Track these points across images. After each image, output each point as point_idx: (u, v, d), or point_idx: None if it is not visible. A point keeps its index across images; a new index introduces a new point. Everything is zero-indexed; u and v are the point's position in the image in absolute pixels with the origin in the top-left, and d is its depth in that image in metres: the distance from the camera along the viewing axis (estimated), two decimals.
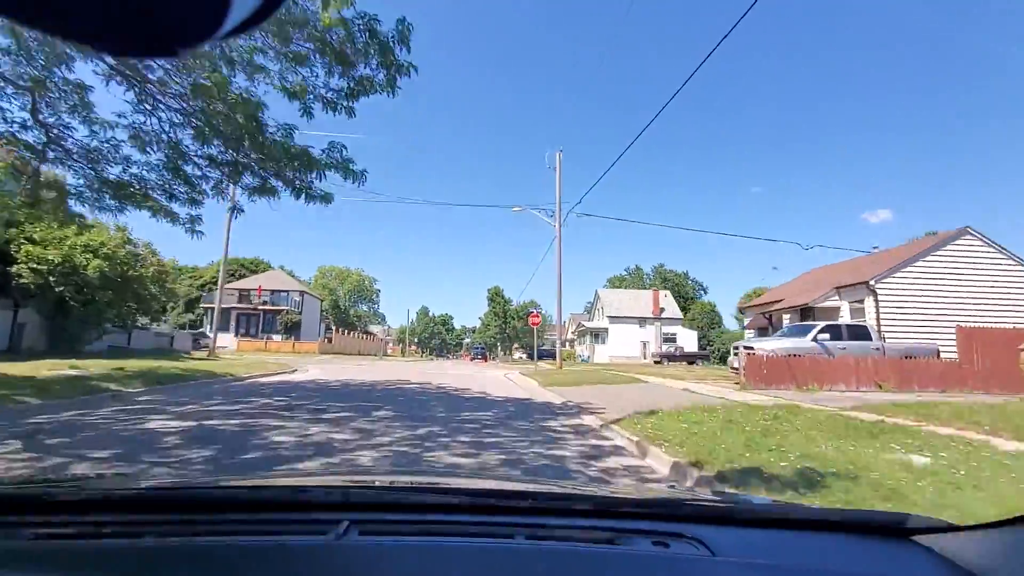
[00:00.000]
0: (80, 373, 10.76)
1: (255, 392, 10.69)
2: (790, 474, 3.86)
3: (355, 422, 6.58)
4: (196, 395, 9.63)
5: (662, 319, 50.44)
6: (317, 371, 19.21)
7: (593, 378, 16.54)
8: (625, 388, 12.89)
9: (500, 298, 50.44)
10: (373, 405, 8.72)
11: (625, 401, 9.55)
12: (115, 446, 4.89)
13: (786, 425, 6.01)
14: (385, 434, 5.81)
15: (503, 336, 50.46)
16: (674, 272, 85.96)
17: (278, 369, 18.01)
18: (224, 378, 13.32)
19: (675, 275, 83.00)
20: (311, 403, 9.03)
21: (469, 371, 24.45)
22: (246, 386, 12.02)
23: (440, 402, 9.64)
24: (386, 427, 6.29)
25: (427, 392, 11.61)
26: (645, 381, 15.37)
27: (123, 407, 7.70)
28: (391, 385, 13.31)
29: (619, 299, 52.51)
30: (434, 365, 32.12)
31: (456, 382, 15.07)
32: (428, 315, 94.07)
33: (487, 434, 6.02)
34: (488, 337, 61.90)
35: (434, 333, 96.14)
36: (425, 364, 34.49)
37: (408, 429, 6.13)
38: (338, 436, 5.61)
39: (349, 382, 13.81)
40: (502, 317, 49.71)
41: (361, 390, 11.62)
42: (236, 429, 5.93)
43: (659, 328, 50.06)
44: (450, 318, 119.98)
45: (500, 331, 49.74)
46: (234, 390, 10.93)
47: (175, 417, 6.80)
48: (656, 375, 18.79)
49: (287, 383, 13.18)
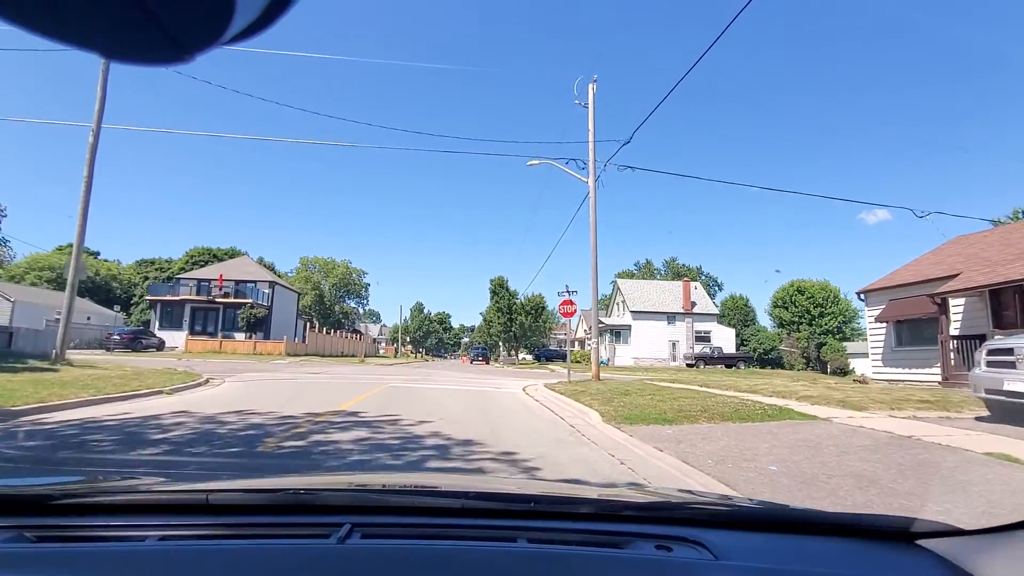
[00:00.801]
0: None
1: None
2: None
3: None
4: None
5: (694, 314, 43.32)
6: (232, 388, 12.29)
7: (683, 403, 9.50)
8: (788, 431, 5.76)
9: (504, 290, 43.21)
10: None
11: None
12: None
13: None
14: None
15: (508, 335, 43.16)
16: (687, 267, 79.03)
17: (162, 385, 10.87)
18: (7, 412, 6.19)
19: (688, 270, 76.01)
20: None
21: (469, 380, 17.33)
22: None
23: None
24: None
25: (370, 454, 4.52)
26: (806, 415, 8.18)
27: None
28: (313, 424, 6.18)
29: (643, 291, 45.35)
30: (424, 371, 24.95)
31: (445, 412, 8.04)
32: (423, 312, 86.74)
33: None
34: (490, 336, 54.62)
35: (430, 332, 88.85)
36: (414, 369, 27.29)
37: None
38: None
39: (241, 419, 6.70)
40: (507, 312, 42.43)
41: (208, 457, 4.47)
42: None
43: (690, 325, 42.94)
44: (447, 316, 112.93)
45: (505, 328, 42.46)
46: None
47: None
48: (777, 394, 11.58)
49: (118, 421, 6.07)
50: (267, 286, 41.72)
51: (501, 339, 46.21)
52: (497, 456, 4.98)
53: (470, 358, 53.31)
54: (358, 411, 8.40)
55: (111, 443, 5.39)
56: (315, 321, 61.32)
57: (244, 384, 13.32)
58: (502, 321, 42.21)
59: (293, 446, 5.23)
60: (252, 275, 42.24)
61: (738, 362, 39.33)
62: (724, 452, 5.12)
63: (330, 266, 64.05)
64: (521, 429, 7.08)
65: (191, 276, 41.68)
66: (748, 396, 11.22)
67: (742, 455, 4.99)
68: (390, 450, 5.17)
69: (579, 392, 12.50)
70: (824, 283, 52.31)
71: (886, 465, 4.61)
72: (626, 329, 42.80)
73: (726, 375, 31.22)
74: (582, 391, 12.70)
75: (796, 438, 5.88)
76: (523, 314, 42.01)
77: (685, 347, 42.21)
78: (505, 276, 44.25)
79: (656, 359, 41.67)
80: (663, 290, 45.67)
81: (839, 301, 50.88)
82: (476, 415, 8.44)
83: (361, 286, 68.15)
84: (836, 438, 5.86)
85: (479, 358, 51.14)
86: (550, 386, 14.89)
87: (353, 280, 66.61)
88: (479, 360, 50.90)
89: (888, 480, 4.13)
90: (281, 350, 34.10)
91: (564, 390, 13.48)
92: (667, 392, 12.82)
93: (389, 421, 7.11)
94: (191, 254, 64.55)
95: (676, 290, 45.40)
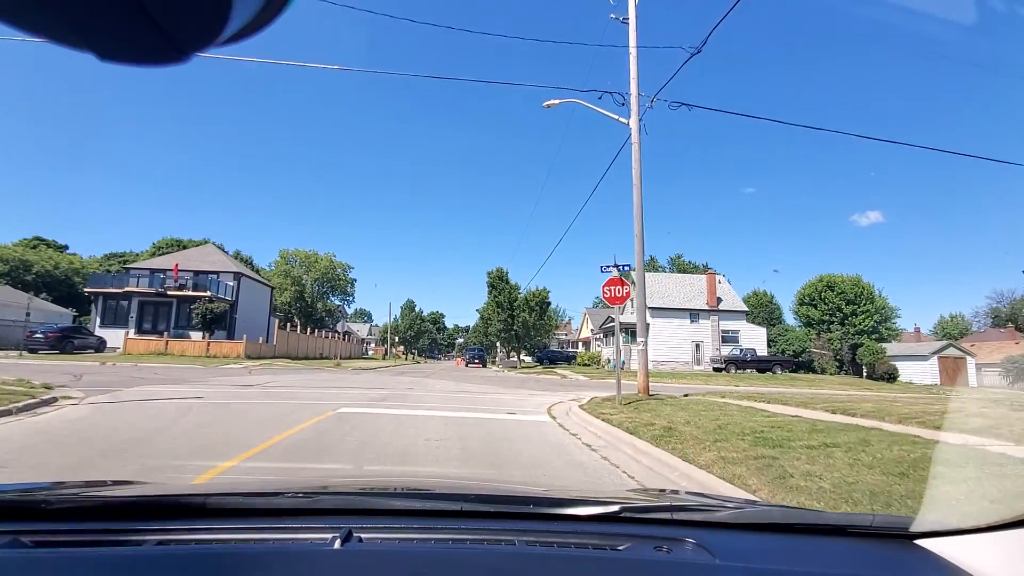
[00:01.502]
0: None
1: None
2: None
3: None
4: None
5: (720, 311, 38.22)
6: (60, 418, 6.90)
7: (833, 441, 4.39)
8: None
9: (504, 283, 37.85)
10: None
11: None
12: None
13: None
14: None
15: (508, 334, 37.81)
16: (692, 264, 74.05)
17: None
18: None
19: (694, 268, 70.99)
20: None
21: (466, 395, 12.13)
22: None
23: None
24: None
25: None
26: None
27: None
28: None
29: (662, 285, 40.17)
30: (408, 379, 19.66)
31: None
32: (414, 310, 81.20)
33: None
34: (487, 336, 49.38)
35: (422, 332, 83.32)
36: (396, 376, 21.97)
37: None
38: None
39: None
40: (507, 308, 37.06)
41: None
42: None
43: (716, 324, 37.83)
44: (441, 316, 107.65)
45: (505, 326, 37.08)
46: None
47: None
48: (912, 419, 6.38)
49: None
50: (231, 278, 36.21)
51: (500, 339, 40.86)
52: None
53: (465, 360, 48.00)
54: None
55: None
56: (296, 319, 55.88)
57: (95, 409, 8.06)
58: (502, 318, 36.86)
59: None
60: (215, 265, 36.73)
61: (773, 366, 34.29)
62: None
63: (312, 259, 58.46)
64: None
65: (142, 266, 36.14)
66: (890, 426, 6.14)
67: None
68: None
69: (642, 423, 7.37)
70: (856, 278, 47.44)
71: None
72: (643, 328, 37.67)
73: (774, 382, 26.06)
74: (646, 422, 7.54)
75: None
76: (526, 310, 36.66)
77: (710, 348, 37.11)
78: (505, 268, 38.92)
79: (678, 362, 36.53)
80: (684, 284, 40.46)
81: (874, 299, 46.00)
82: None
83: (347, 281, 62.51)
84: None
85: (475, 360, 45.82)
86: (590, 408, 9.69)
87: (338, 275, 61.02)
88: (475, 363, 45.56)
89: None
90: (239, 352, 28.68)
91: (615, 416, 8.34)
92: (768, 418, 7.87)
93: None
94: (158, 245, 58.91)
95: (699, 284, 40.22)
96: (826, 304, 46.65)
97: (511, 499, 1.30)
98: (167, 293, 32.59)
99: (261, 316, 39.83)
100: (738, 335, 37.88)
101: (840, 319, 45.70)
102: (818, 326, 46.33)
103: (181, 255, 38.30)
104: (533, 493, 1.45)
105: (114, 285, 32.75)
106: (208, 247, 40.74)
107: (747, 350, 34.80)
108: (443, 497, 1.32)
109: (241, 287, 36.81)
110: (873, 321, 45.30)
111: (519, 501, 1.26)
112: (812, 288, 48.17)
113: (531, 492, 1.50)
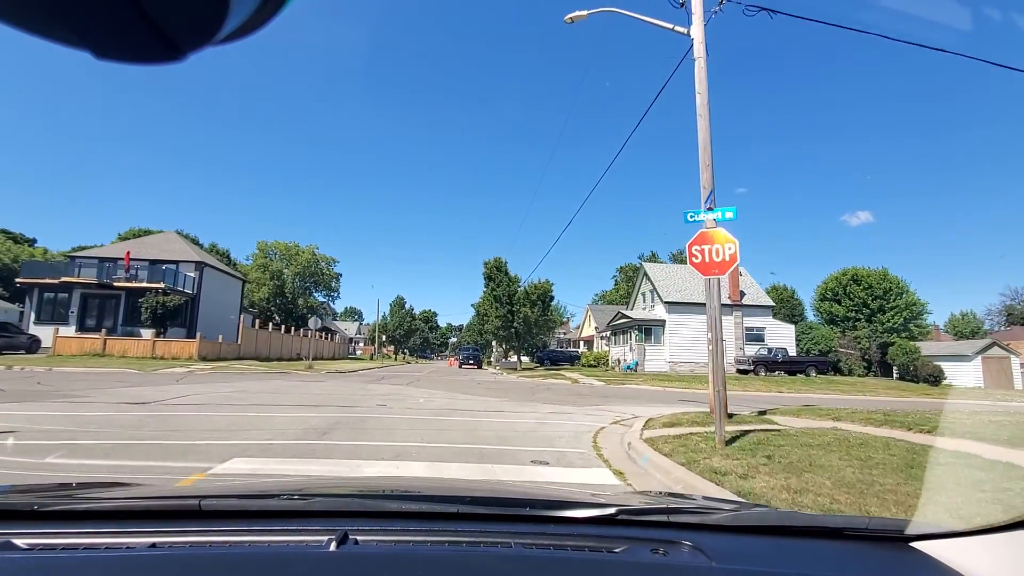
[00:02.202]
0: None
1: None
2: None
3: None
4: None
5: (743, 306, 34.31)
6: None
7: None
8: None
9: (503, 274, 33.68)
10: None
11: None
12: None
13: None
14: None
15: (508, 331, 33.65)
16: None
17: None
18: None
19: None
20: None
21: (460, 414, 7.95)
22: None
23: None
24: None
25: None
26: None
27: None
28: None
29: (678, 278, 36.18)
30: (386, 388, 15.56)
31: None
32: (404, 307, 76.69)
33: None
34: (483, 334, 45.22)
35: (413, 330, 78.81)
36: (372, 384, 17.82)
37: None
38: None
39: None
40: (507, 303, 32.88)
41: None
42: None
43: (740, 320, 33.92)
44: (434, 315, 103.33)
45: (504, 322, 32.87)
46: None
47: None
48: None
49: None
50: (193, 268, 31.85)
51: (497, 336, 36.63)
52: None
53: (459, 360, 43.85)
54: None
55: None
56: (276, 317, 51.44)
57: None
58: (500, 314, 32.63)
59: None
60: (175, 254, 32.33)
61: (807, 367, 30.49)
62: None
63: (293, 251, 53.95)
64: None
65: (89, 254, 31.63)
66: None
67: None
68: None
69: (809, 487, 3.27)
70: (883, 271, 43.77)
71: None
72: (658, 325, 33.59)
73: (824, 388, 21.85)
74: (816, 483, 3.46)
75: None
76: (527, 304, 32.47)
77: (733, 348, 33.16)
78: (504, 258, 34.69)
79: (697, 363, 32.53)
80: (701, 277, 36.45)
81: (904, 293, 42.33)
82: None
83: (332, 276, 58.02)
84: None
85: (469, 361, 41.64)
86: (676, 451, 5.59)
87: (322, 269, 56.54)
88: (470, 363, 41.39)
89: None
90: (192, 352, 24.34)
91: (746, 479, 4.23)
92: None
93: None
94: (123, 236, 54.05)
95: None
96: (851, 300, 42.94)
97: (507, 501, 1.29)
98: (113, 285, 28.17)
99: (230, 312, 35.45)
100: (763, 333, 33.99)
101: (867, 316, 42.02)
102: (843, 323, 42.62)
103: (137, 243, 33.86)
104: (529, 495, 1.42)
105: (51, 275, 28.26)
106: (170, 235, 36.24)
107: (778, 350, 30.95)
108: (439, 499, 1.30)
109: (205, 279, 32.45)
110: (903, 318, 41.63)
111: (515, 503, 1.26)
112: (835, 282, 44.45)
113: (527, 494, 1.48)
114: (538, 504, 1.23)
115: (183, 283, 30.54)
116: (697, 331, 33.13)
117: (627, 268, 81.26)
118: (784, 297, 46.93)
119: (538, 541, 0.99)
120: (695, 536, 1.01)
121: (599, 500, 1.29)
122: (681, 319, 33.13)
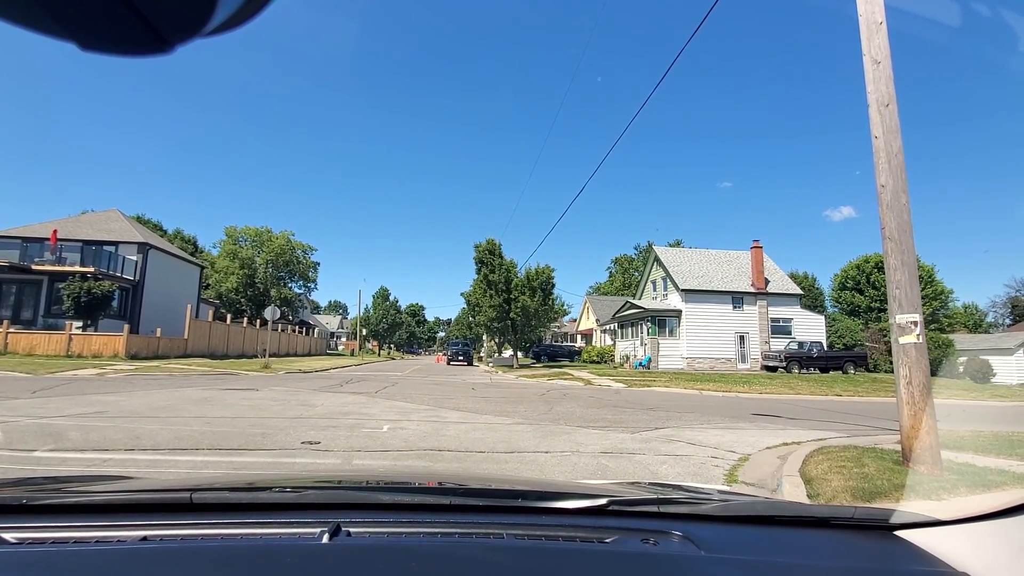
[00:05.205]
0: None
1: None
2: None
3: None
4: None
5: (768, 295, 30.52)
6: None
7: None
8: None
9: (497, 258, 29.48)
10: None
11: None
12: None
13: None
14: None
15: (503, 323, 29.46)
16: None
17: None
18: None
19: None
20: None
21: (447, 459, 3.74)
22: None
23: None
24: None
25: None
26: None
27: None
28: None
29: (694, 263, 32.24)
30: (346, 400, 11.36)
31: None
32: (388, 299, 72.07)
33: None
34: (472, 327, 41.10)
35: (398, 323, 74.26)
36: (329, 395, 13.54)
37: None
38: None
39: None
40: (503, 290, 28.68)
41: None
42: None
43: (764, 310, 30.14)
44: (421, 308, 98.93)
45: (499, 313, 28.68)
46: None
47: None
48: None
49: None
50: (135, 250, 27.22)
51: (491, 329, 32.43)
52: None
53: (448, 358, 39.67)
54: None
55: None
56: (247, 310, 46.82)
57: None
58: (495, 303, 28.41)
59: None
60: (113, 234, 27.66)
61: (844, 363, 26.81)
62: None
63: (264, 237, 49.20)
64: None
65: (9, 234, 26.83)
66: None
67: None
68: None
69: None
70: None
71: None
72: (673, 316, 29.68)
73: (872, 389, 18.24)
74: None
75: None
76: (526, 292, 28.31)
77: (758, 341, 29.43)
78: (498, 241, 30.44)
79: (717, 359, 28.78)
80: (724, 261, 32.47)
81: (933, 281, 38.98)
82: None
83: (308, 265, 53.33)
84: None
85: (459, 357, 37.43)
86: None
87: (297, 257, 51.84)
88: (459, 360, 37.14)
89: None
90: (118, 348, 19.86)
91: None
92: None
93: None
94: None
95: (741, 261, 32.32)
96: (875, 289, 39.47)
97: (500, 493, 1.29)
98: (32, 268, 23.51)
99: (185, 303, 30.87)
100: (791, 324, 30.26)
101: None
102: (866, 314, 39.16)
103: (70, 222, 29.02)
104: (522, 487, 1.42)
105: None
106: (111, 213, 31.39)
107: (812, 344, 27.23)
108: (431, 491, 1.30)
109: (150, 263, 27.85)
110: (931, 308, 38.29)
111: (508, 495, 1.26)
112: (857, 270, 41.03)
113: (520, 486, 1.48)
114: (530, 495, 1.23)
115: (121, 267, 25.93)
116: (718, 322, 29.31)
117: (623, 259, 77.44)
118: (805, 287, 43.42)
119: (530, 532, 0.98)
120: (685, 526, 1.02)
121: (591, 491, 1.27)
122: (699, 308, 29.27)
